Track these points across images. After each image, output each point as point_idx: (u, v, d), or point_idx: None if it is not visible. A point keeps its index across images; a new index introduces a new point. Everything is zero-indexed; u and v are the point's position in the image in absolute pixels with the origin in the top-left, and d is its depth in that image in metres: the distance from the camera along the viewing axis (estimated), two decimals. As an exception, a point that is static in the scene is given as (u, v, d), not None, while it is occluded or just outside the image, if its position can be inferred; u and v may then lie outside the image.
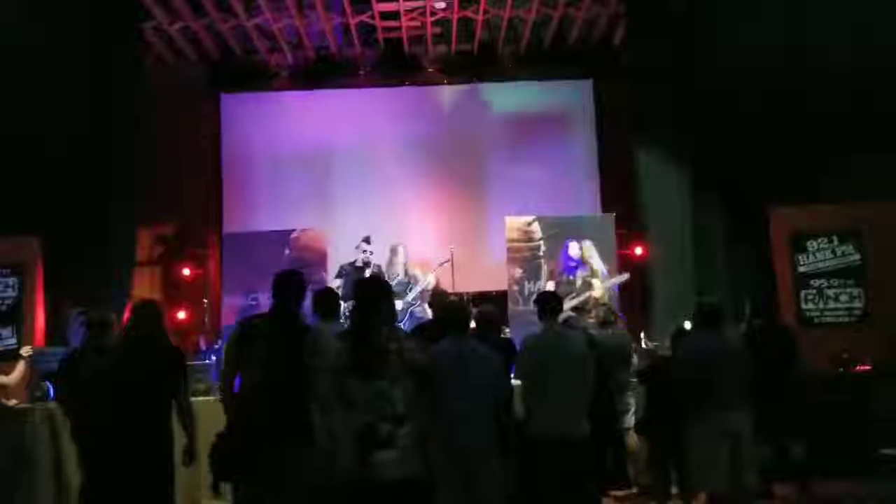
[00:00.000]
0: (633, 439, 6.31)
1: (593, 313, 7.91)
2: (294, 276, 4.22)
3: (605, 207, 10.81)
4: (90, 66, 8.08)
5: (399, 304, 8.63)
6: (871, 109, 7.81)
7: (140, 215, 9.26)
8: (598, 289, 8.61)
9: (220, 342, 8.43)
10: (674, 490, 5.71)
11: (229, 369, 4.05)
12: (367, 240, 9.14)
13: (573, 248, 8.93)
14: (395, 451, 3.36)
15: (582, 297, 8.48)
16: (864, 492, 6.11)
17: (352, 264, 9.03)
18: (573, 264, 8.89)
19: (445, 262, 9.25)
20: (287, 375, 3.83)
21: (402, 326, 6.99)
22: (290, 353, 3.86)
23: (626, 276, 8.83)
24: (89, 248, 7.97)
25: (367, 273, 8.87)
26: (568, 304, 8.29)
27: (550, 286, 8.68)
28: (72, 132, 7.91)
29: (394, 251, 9.03)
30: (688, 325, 6.97)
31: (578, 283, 8.69)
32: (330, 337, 3.78)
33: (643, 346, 7.59)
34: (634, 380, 6.37)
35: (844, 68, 7.86)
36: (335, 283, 8.88)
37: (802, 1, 8.04)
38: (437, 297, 5.82)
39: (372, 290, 3.79)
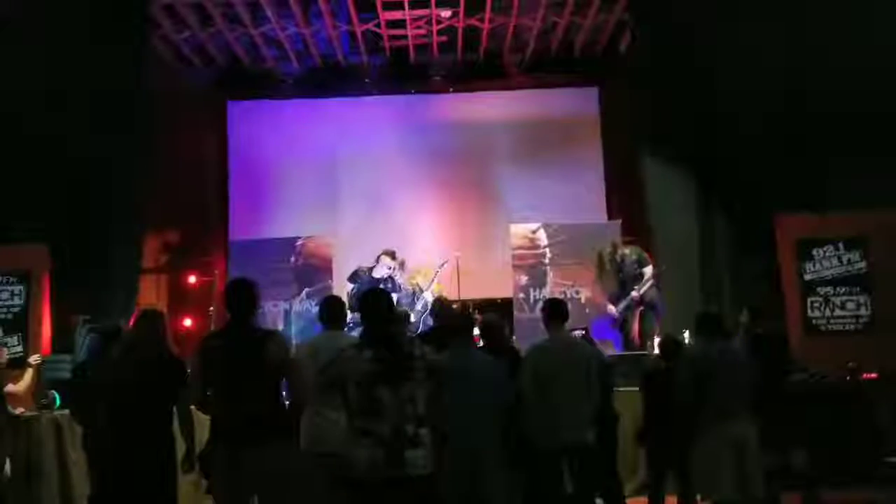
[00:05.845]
0: None
1: None
2: (245, 285, 4.26)
3: (611, 214, 10.83)
4: (96, 75, 8.10)
5: (411, 316, 8.58)
6: (878, 114, 7.78)
7: (146, 223, 9.29)
8: (648, 281, 8.31)
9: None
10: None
11: (196, 382, 4.11)
12: (392, 255, 8.97)
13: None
14: (420, 449, 3.47)
15: (634, 294, 8.24)
16: (870, 499, 6.08)
17: (370, 271, 8.95)
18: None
19: (445, 263, 9.20)
20: (247, 382, 3.93)
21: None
22: (249, 361, 3.95)
23: (663, 268, 8.45)
24: (95, 257, 7.99)
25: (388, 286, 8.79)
26: (621, 305, 8.21)
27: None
28: (77, 140, 7.92)
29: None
30: (686, 334, 6.98)
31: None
32: (346, 347, 3.77)
33: None
34: None
35: (849, 71, 7.83)
36: (348, 287, 8.87)
37: (803, 2, 8.04)
38: (438, 306, 5.79)
39: (384, 298, 3.85)
